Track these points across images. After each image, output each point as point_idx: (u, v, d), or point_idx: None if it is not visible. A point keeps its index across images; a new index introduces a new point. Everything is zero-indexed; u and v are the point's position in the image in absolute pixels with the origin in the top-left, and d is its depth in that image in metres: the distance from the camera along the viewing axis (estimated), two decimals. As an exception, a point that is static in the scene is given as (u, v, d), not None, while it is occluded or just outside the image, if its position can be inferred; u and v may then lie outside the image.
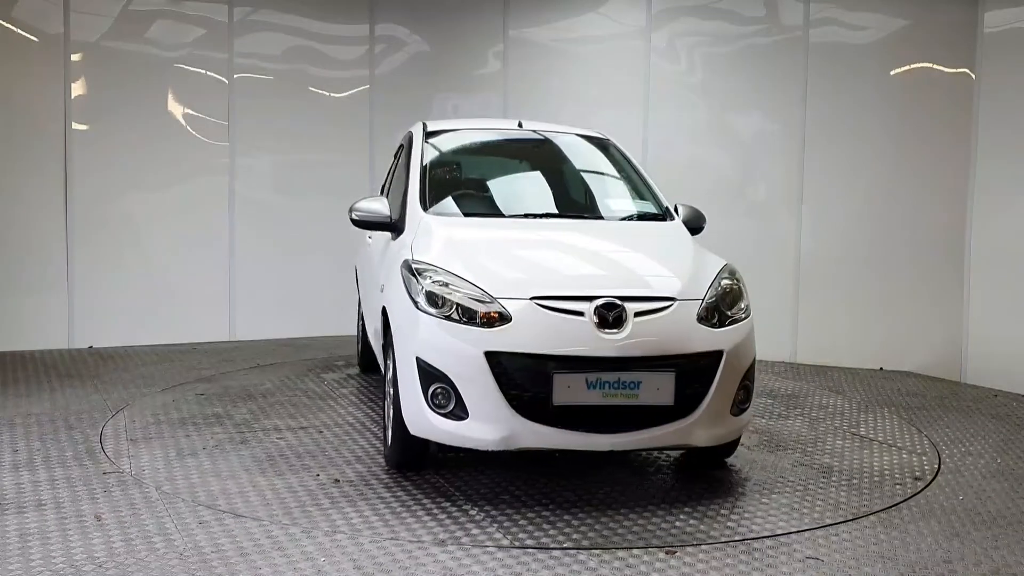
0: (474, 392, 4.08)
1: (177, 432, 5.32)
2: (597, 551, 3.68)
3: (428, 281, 4.30)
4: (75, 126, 7.89)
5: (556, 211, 5.37)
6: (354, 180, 8.68)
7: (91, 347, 7.92)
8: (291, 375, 6.95)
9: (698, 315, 4.30)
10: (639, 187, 5.53)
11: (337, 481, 4.51)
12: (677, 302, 4.28)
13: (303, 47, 8.81)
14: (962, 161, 7.25)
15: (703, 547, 3.77)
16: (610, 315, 4.11)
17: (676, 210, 5.28)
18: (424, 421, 4.22)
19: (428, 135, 5.72)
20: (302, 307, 8.62)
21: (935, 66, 7.46)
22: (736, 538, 3.87)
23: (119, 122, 8.05)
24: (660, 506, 4.24)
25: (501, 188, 5.68)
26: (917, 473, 4.87)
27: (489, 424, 4.08)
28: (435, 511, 4.10)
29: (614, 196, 5.60)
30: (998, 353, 7.04)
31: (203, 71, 8.37)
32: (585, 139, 5.93)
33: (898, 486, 4.61)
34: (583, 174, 5.83)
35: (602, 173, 5.79)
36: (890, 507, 4.31)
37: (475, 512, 4.10)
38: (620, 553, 3.68)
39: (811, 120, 7.88)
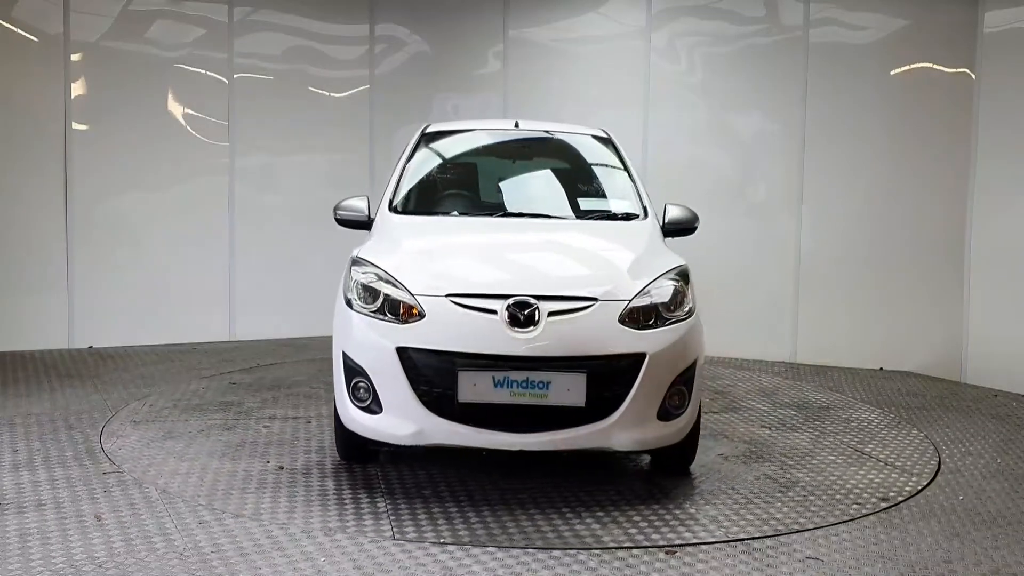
0: (387, 387, 4.16)
1: (178, 416, 5.34)
2: (597, 551, 3.68)
3: (358, 276, 4.45)
4: (75, 126, 7.89)
5: (524, 211, 5.31)
6: (354, 180, 8.68)
7: (91, 347, 7.92)
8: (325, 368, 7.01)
9: (621, 316, 4.19)
10: (622, 186, 5.44)
11: (281, 468, 4.69)
12: (598, 303, 4.19)
13: (303, 47, 8.81)
14: (962, 161, 7.25)
15: (703, 547, 3.77)
16: (522, 314, 4.09)
17: (665, 210, 5.17)
18: (348, 414, 4.35)
19: (424, 137, 5.79)
20: (302, 307, 8.61)
21: (935, 66, 7.46)
22: (736, 538, 3.87)
23: (119, 122, 8.05)
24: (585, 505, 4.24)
25: (476, 188, 5.66)
26: (890, 494, 4.86)
27: (401, 419, 4.15)
28: (347, 502, 4.22)
29: (591, 195, 5.55)
30: (998, 353, 7.04)
31: (203, 71, 8.37)
32: (579, 137, 5.89)
33: (855, 505, 4.32)
34: (567, 173, 5.78)
35: (587, 171, 5.76)
36: (890, 507, 4.31)
37: (383, 504, 4.20)
38: (620, 553, 3.68)
39: (811, 120, 7.88)
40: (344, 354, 4.34)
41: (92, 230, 7.98)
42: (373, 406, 4.22)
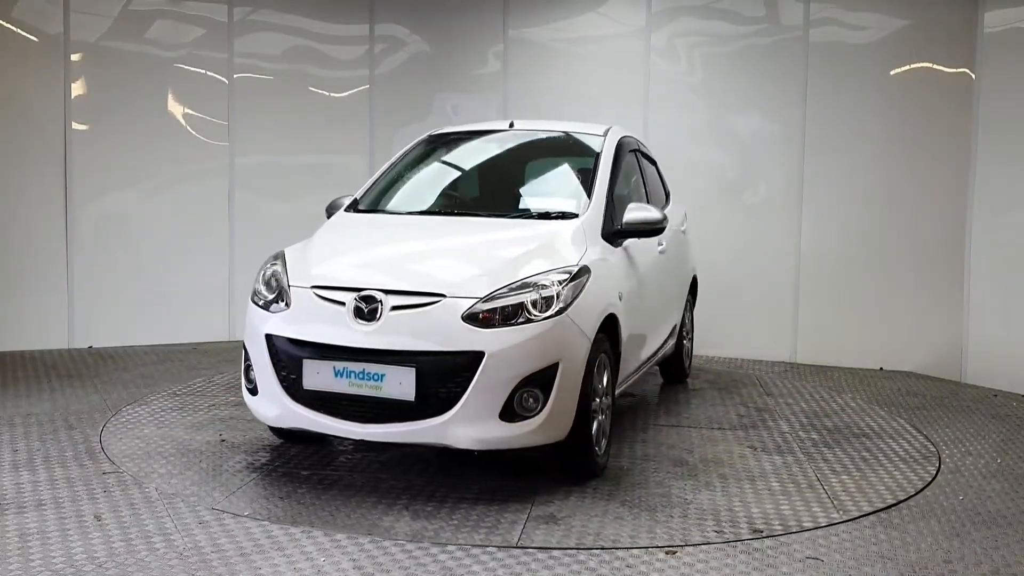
0: (260, 371, 4.49)
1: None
2: (597, 551, 3.68)
3: (266, 269, 4.74)
4: (75, 126, 7.89)
5: (466, 210, 5.39)
6: (354, 180, 8.66)
7: (91, 347, 7.92)
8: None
9: (466, 314, 4.17)
10: (577, 185, 5.35)
11: (223, 440, 5.13)
12: (445, 299, 4.21)
13: (303, 47, 8.81)
14: (962, 161, 7.25)
15: (703, 547, 3.77)
16: (366, 307, 4.24)
17: (624, 211, 5.06)
18: (244, 395, 4.73)
19: (422, 142, 5.99)
20: (302, 307, 8.60)
21: (935, 66, 7.46)
22: (736, 538, 3.87)
23: (119, 122, 8.05)
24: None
25: (435, 188, 5.72)
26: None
27: (269, 402, 4.46)
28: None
29: (541, 194, 5.51)
30: (998, 353, 7.05)
31: (203, 71, 8.37)
32: (566, 135, 5.86)
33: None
34: (533, 171, 5.77)
35: (554, 170, 5.72)
36: (890, 507, 4.31)
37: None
38: (620, 553, 3.68)
39: (811, 120, 7.88)
40: (243, 341, 4.70)
41: (92, 230, 7.99)
42: (255, 388, 4.57)
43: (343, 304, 4.29)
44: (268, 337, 4.43)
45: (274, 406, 4.43)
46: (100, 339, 7.99)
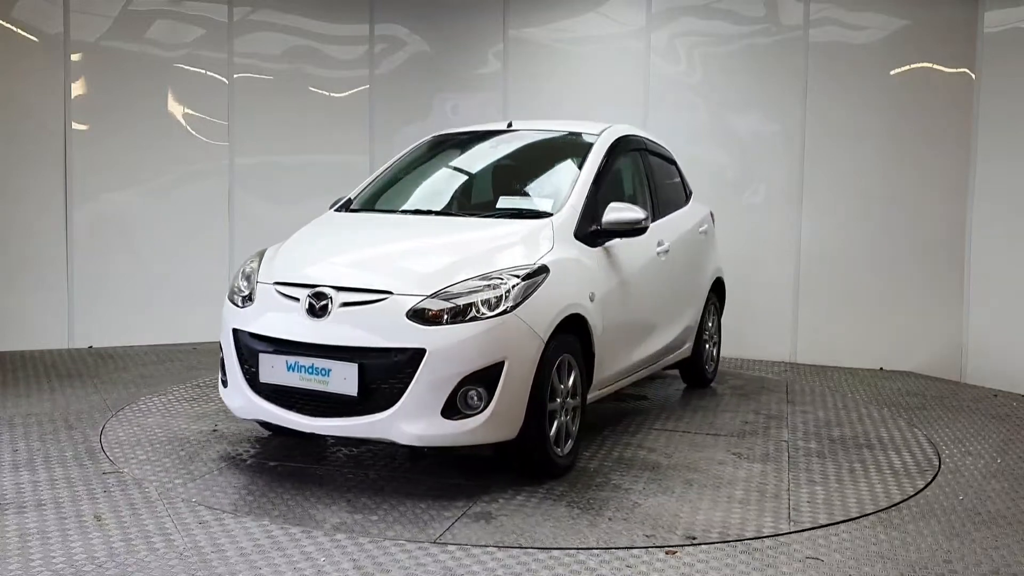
0: (229, 364, 4.66)
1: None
2: (597, 551, 3.68)
3: (244, 266, 4.89)
4: (75, 126, 7.89)
5: (447, 210, 5.37)
6: (354, 180, 8.64)
7: (91, 347, 7.92)
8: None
9: (411, 311, 4.19)
10: (558, 184, 5.31)
11: (215, 430, 5.31)
12: (392, 296, 4.26)
13: (303, 47, 8.82)
14: (962, 161, 7.25)
15: (703, 547, 3.77)
16: (317, 303, 4.33)
17: (605, 211, 5.03)
18: (219, 387, 4.87)
19: (427, 143, 6.09)
20: (302, 307, 8.61)
21: (935, 66, 7.46)
22: (736, 538, 3.87)
23: (119, 122, 8.06)
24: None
25: (422, 188, 5.74)
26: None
27: (235, 393, 4.63)
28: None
29: (522, 194, 5.48)
30: (998, 353, 7.05)
31: (203, 71, 8.37)
32: (562, 136, 5.82)
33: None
34: (521, 172, 5.75)
35: (540, 171, 5.68)
36: (890, 507, 4.31)
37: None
38: (620, 553, 3.68)
39: (811, 120, 7.88)
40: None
41: (92, 230, 7.99)
42: (226, 381, 4.74)
43: (298, 300, 4.41)
44: (235, 332, 4.61)
45: (239, 398, 4.60)
46: (100, 339, 7.99)
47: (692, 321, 6.47)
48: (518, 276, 4.35)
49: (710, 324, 6.87)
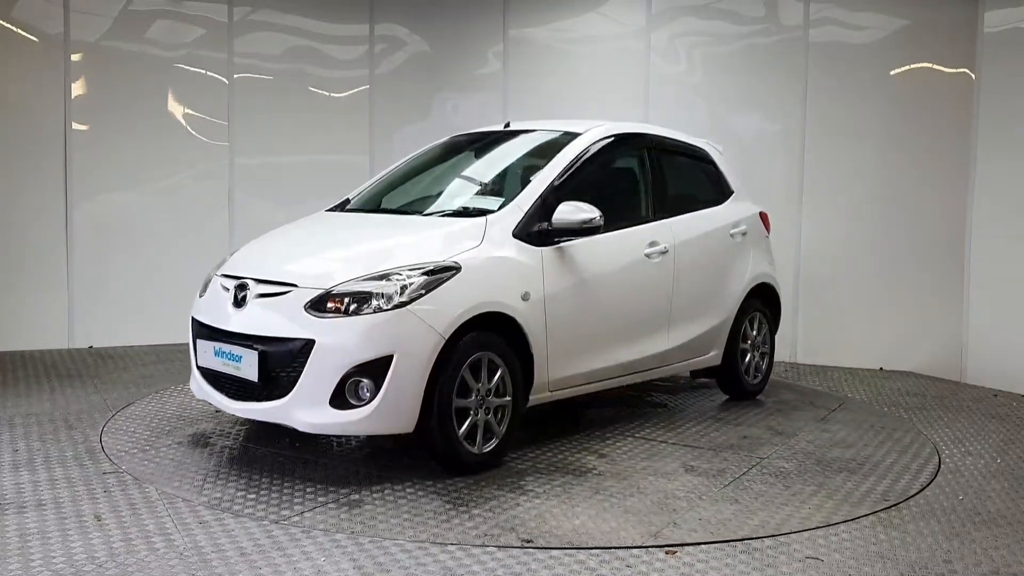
0: (191, 350, 4.96)
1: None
2: (597, 551, 3.68)
3: (222, 261, 5.15)
4: (75, 126, 7.89)
5: (404, 209, 5.52)
6: (354, 180, 8.66)
7: (91, 347, 7.92)
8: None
9: (309, 303, 4.36)
10: (513, 184, 5.38)
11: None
12: (296, 289, 4.45)
13: (303, 47, 8.82)
14: (962, 161, 7.25)
15: (703, 547, 3.77)
16: (239, 294, 4.63)
17: (556, 209, 4.97)
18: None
19: (439, 145, 6.21)
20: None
21: (935, 66, 7.46)
22: (736, 538, 3.87)
23: (119, 122, 8.06)
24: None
25: (399, 190, 5.85)
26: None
27: (192, 377, 4.97)
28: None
29: (477, 193, 5.50)
30: (998, 353, 7.05)
31: (203, 71, 8.37)
32: (549, 136, 5.74)
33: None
34: (491, 171, 5.76)
35: (508, 170, 5.68)
36: (890, 507, 4.31)
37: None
38: (620, 553, 3.68)
39: (811, 120, 7.88)
40: None
41: (92, 230, 7.99)
42: (191, 365, 5.00)
43: (228, 290, 4.72)
44: (192, 319, 4.97)
45: (193, 381, 4.96)
46: (100, 339, 8.00)
47: (715, 328, 6.11)
48: (420, 272, 4.42)
49: (753, 333, 6.48)
